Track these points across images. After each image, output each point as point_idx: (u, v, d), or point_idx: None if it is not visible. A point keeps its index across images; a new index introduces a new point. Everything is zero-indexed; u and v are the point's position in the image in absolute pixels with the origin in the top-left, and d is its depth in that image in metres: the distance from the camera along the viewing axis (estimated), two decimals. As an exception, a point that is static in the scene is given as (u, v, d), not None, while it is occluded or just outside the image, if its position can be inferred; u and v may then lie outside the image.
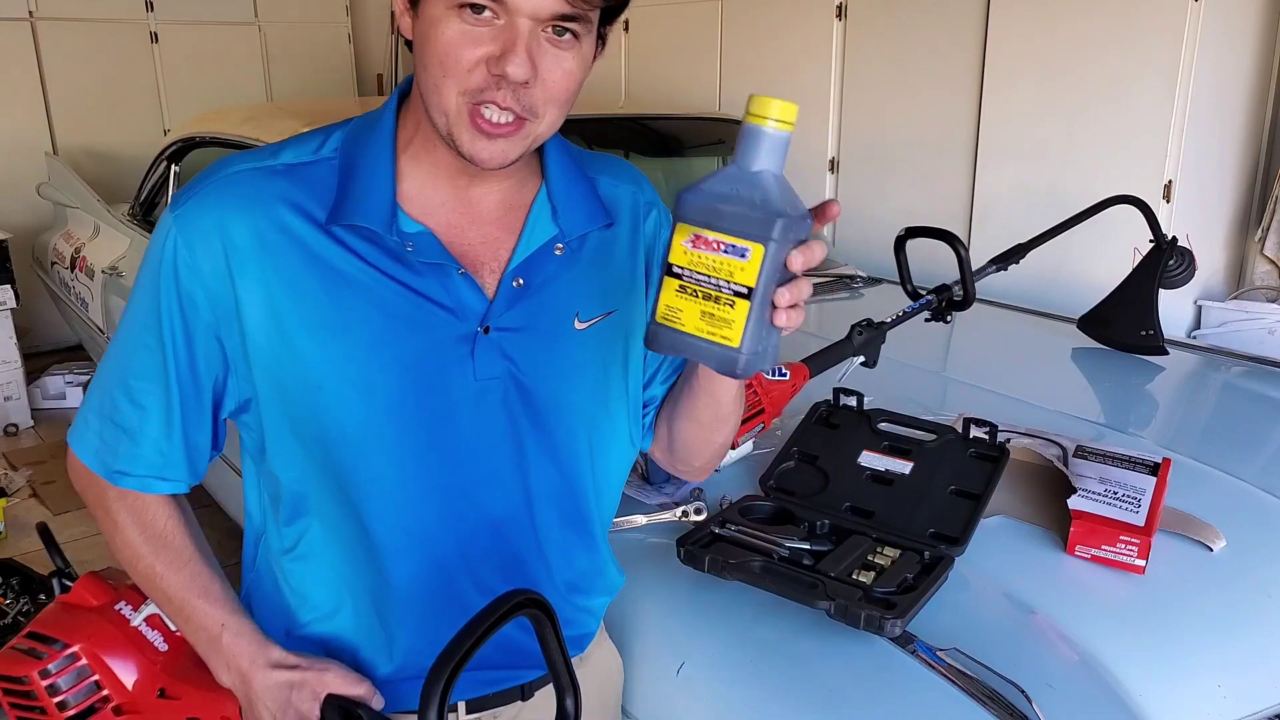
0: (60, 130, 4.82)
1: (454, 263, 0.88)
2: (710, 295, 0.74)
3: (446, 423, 0.89)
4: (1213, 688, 1.12)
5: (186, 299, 0.86)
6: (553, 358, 0.93)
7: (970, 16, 3.05)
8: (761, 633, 1.12)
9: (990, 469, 1.36)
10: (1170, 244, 2.12)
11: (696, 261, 0.73)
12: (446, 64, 0.80)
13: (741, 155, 0.73)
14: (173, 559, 0.93)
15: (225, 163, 0.89)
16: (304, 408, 0.87)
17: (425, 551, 0.92)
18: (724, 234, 0.72)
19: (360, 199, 0.86)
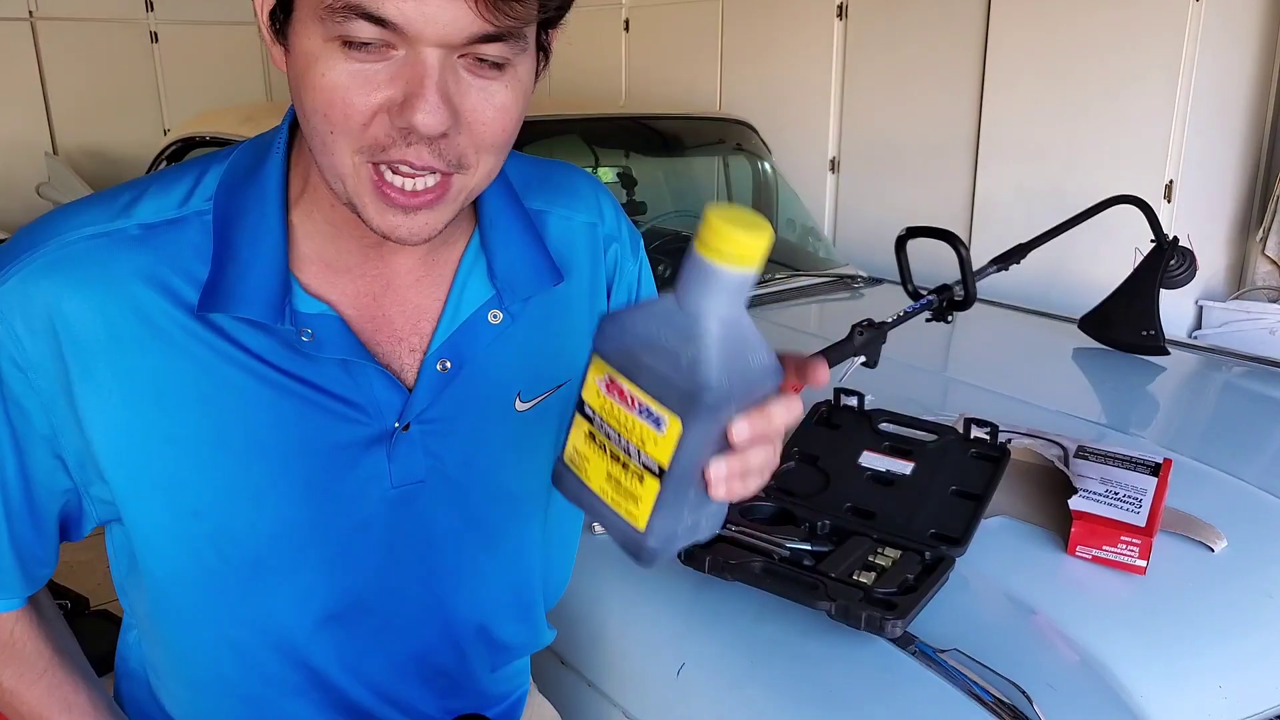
0: (60, 130, 4.82)
1: (364, 355, 0.70)
2: (618, 458, 0.56)
3: (357, 539, 0.74)
4: (1214, 688, 1.12)
5: (13, 406, 0.67)
6: (491, 449, 0.77)
7: (971, 16, 3.04)
8: (762, 633, 1.12)
9: (991, 469, 1.36)
10: (1171, 244, 2.12)
11: (609, 411, 0.56)
12: (333, 117, 0.60)
13: (682, 289, 0.54)
14: (24, 671, 0.77)
15: (59, 224, 0.67)
16: (176, 537, 0.71)
17: (325, 682, 0.79)
18: (641, 390, 0.54)
19: (242, 277, 0.66)
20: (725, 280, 0.53)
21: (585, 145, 2.69)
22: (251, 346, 0.68)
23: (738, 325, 0.55)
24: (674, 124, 2.99)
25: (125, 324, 0.66)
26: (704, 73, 4.00)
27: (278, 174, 0.69)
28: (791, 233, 3.05)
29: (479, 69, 0.61)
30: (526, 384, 0.77)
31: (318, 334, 0.69)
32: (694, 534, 0.59)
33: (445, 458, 0.75)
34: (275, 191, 0.69)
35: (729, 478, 0.55)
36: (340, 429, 0.71)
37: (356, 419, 0.71)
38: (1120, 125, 2.73)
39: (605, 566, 1.28)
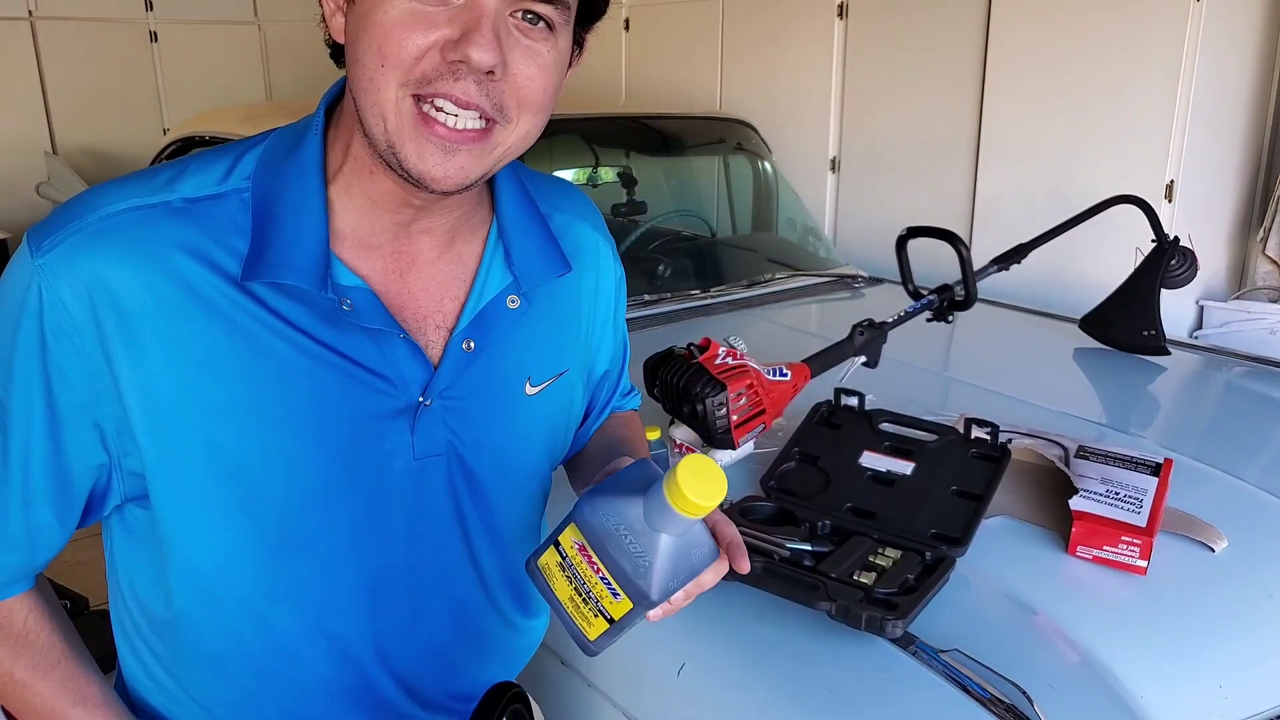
0: (59, 129, 4.82)
1: (397, 327, 0.74)
2: (580, 592, 0.69)
3: (381, 509, 0.77)
4: (1214, 689, 1.12)
5: (56, 373, 0.68)
6: (503, 428, 0.81)
7: (971, 16, 3.04)
8: (762, 634, 1.12)
9: (992, 469, 1.36)
10: (1172, 244, 2.12)
11: (579, 562, 0.68)
12: (387, 49, 0.63)
13: (649, 511, 0.66)
14: (37, 662, 0.76)
15: (105, 196, 0.69)
16: (212, 500, 0.72)
17: (345, 654, 0.80)
18: (605, 568, 0.67)
19: (285, 248, 0.69)
20: (683, 521, 0.65)
21: (585, 145, 2.69)
22: (290, 317, 0.70)
23: (687, 534, 0.68)
24: (674, 124, 2.99)
25: (169, 292, 0.68)
26: (704, 72, 4.00)
27: (317, 152, 0.73)
28: (791, 233, 3.05)
29: (527, 29, 0.66)
30: (536, 369, 0.82)
31: (356, 306, 0.72)
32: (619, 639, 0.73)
33: (461, 434, 0.78)
34: (315, 168, 0.72)
35: (662, 617, 0.69)
36: (370, 399, 0.74)
37: (385, 391, 0.74)
38: (1120, 125, 2.73)
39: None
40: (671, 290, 2.41)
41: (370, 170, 0.71)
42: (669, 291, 2.40)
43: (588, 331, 0.89)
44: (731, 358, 1.51)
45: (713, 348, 1.52)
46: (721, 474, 0.63)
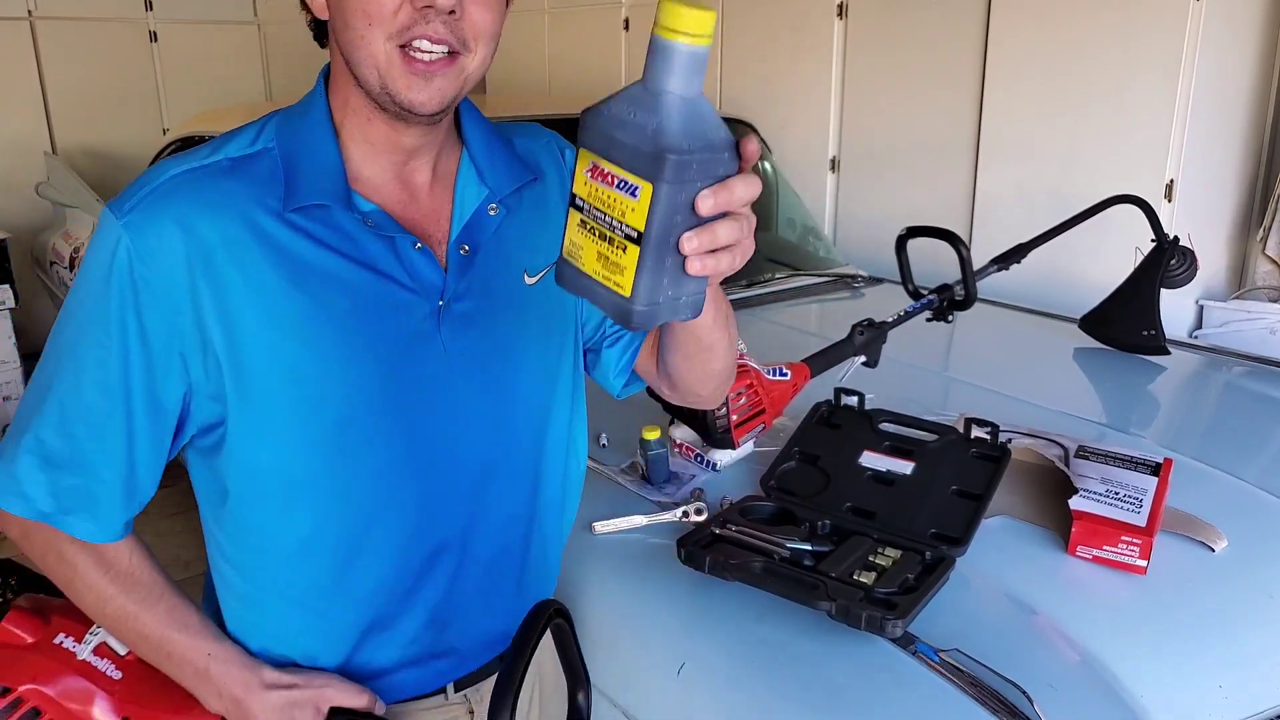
0: (59, 130, 4.82)
1: (409, 235, 0.88)
2: (605, 235, 0.64)
3: (424, 402, 0.89)
4: (1214, 688, 1.12)
5: (147, 313, 0.81)
6: (513, 317, 0.94)
7: (971, 16, 3.04)
8: (762, 633, 1.12)
9: (992, 469, 1.36)
10: (1172, 244, 2.12)
11: (594, 194, 0.64)
12: (370, 11, 0.78)
13: (646, 73, 0.62)
14: (144, 596, 0.89)
15: (166, 166, 0.85)
16: (284, 406, 0.84)
17: (413, 535, 0.92)
18: (617, 166, 0.62)
19: (314, 182, 0.84)
20: (680, 55, 0.60)
21: (585, 145, 2.68)
22: (325, 239, 0.84)
23: (696, 103, 0.62)
24: (674, 123, 2.98)
25: (231, 230, 0.82)
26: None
27: (324, 109, 0.88)
28: (791, 232, 3.05)
29: None
30: (530, 262, 0.95)
31: (376, 221, 0.86)
32: (675, 310, 0.67)
33: (480, 327, 0.91)
34: (325, 122, 0.88)
35: (700, 250, 0.64)
36: (401, 304, 0.87)
37: (411, 298, 0.88)
38: (1120, 125, 2.73)
39: (605, 567, 1.28)
40: (671, 290, 2.41)
41: (368, 118, 0.86)
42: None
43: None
44: (731, 357, 1.50)
45: (713, 347, 1.51)
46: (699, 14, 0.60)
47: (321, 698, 0.89)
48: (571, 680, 0.80)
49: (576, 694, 0.80)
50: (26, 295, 4.09)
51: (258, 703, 0.88)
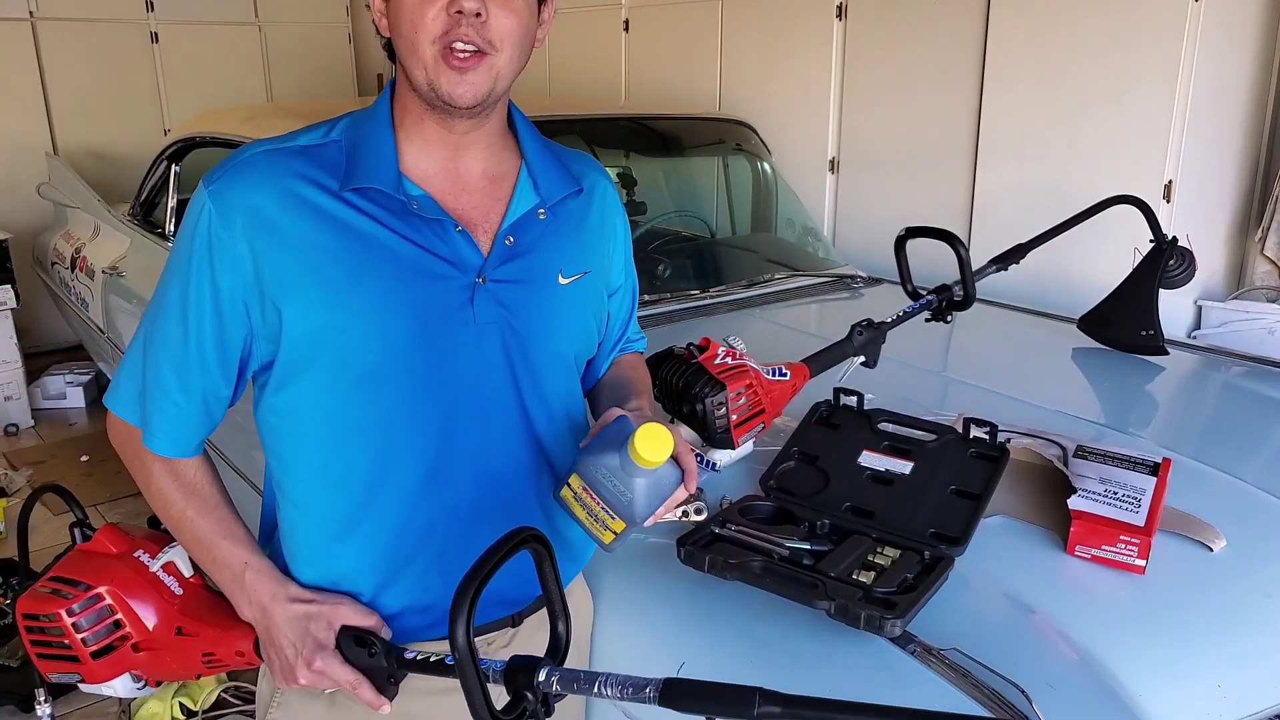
0: (60, 130, 4.82)
1: (452, 220, 1.01)
2: (591, 515, 0.97)
3: (450, 362, 1.01)
4: (1213, 688, 1.12)
5: (219, 265, 0.96)
6: (542, 308, 1.06)
7: (970, 17, 3.05)
8: (762, 633, 1.12)
9: (990, 469, 1.36)
10: (1170, 244, 2.12)
11: (585, 498, 0.97)
12: (417, 21, 0.94)
13: (623, 461, 0.94)
14: (202, 505, 1.04)
15: (249, 146, 1.02)
16: (328, 349, 0.97)
17: (429, 482, 1.02)
18: (603, 501, 0.96)
19: (370, 167, 0.99)
20: (646, 470, 0.94)
21: (585, 145, 2.69)
22: (375, 214, 0.98)
23: (655, 473, 0.95)
24: (674, 124, 2.99)
25: (292, 202, 0.97)
26: (704, 73, 4.00)
27: (387, 111, 1.04)
28: (791, 233, 3.06)
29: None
30: (565, 265, 1.08)
31: (421, 205, 1.00)
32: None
33: (511, 308, 1.03)
34: (386, 121, 1.03)
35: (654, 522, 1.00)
36: (440, 275, 1.00)
37: (449, 271, 1.00)
38: (1120, 125, 2.73)
39: (605, 567, 1.29)
40: (671, 290, 2.41)
41: (420, 117, 1.01)
42: (669, 291, 2.40)
43: (602, 244, 1.15)
44: (731, 358, 1.51)
45: (712, 348, 1.52)
46: (668, 435, 0.91)
47: (336, 615, 0.99)
48: (550, 610, 0.83)
49: (556, 624, 0.83)
50: (27, 295, 4.09)
51: (280, 612, 1.00)
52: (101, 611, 1.10)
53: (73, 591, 1.11)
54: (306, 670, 0.98)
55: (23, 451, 3.83)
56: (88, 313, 3.48)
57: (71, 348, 4.59)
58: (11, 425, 4.00)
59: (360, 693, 0.97)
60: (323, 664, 0.97)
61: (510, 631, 1.12)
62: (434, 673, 0.91)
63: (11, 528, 3.15)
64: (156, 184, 3.23)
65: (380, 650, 0.96)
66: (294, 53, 5.47)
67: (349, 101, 4.35)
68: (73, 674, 1.14)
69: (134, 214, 3.36)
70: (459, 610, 0.74)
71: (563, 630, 0.83)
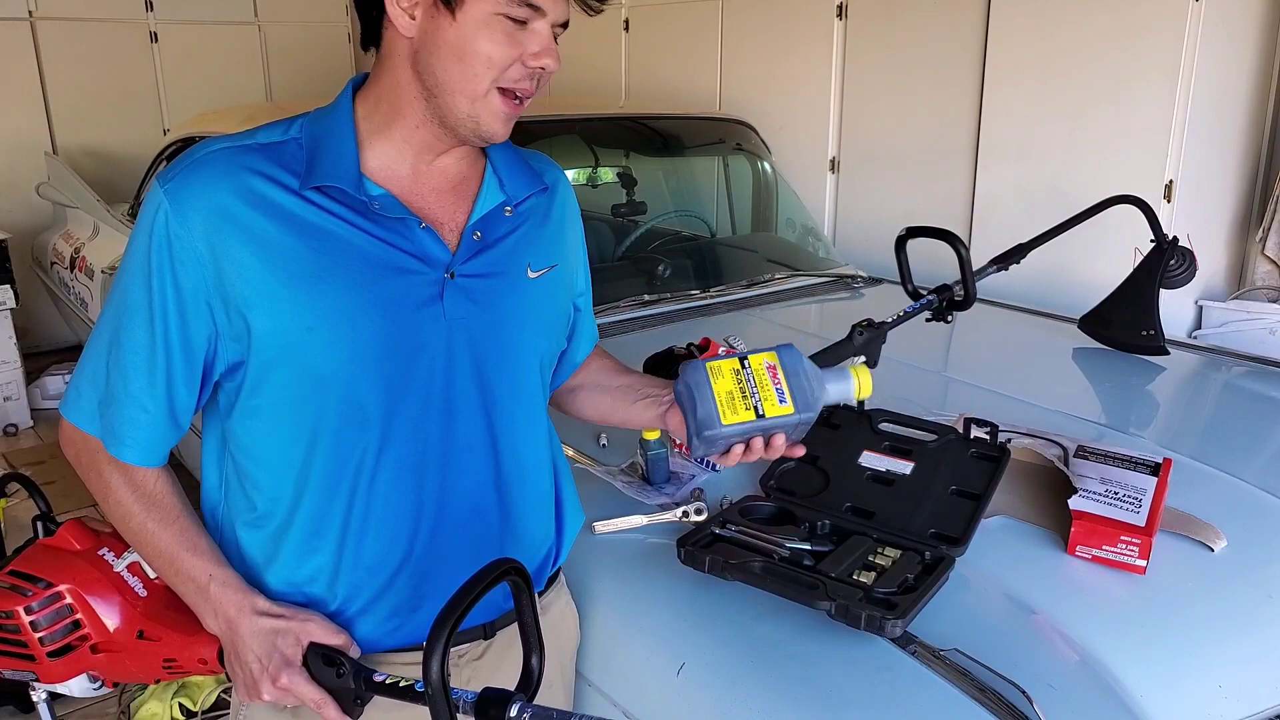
0: (60, 130, 4.82)
1: (415, 218, 0.99)
2: (744, 392, 1.01)
3: (420, 358, 0.99)
4: (1213, 688, 1.12)
5: (180, 267, 0.93)
6: (513, 302, 1.05)
7: (971, 16, 3.05)
8: (762, 633, 1.12)
9: (991, 469, 1.36)
10: (1171, 244, 2.12)
11: (760, 374, 1.02)
12: (494, 62, 0.95)
13: (832, 376, 1.05)
14: (163, 516, 1.00)
15: (206, 144, 0.99)
16: (296, 350, 0.95)
17: (389, 482, 1.00)
18: (788, 385, 1.02)
19: (330, 166, 0.97)
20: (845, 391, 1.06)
21: (585, 145, 2.69)
22: (337, 212, 0.97)
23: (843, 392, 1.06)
24: (674, 124, 2.99)
25: (252, 200, 0.94)
26: (704, 73, 4.00)
27: (348, 112, 1.02)
28: (791, 233, 3.06)
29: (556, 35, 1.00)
30: (533, 259, 1.08)
31: (383, 204, 0.98)
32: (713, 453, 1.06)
33: (481, 303, 1.02)
34: (347, 118, 1.01)
35: (740, 458, 1.06)
36: (407, 272, 0.98)
37: (417, 266, 0.99)
38: (1120, 125, 2.73)
39: (605, 567, 1.28)
40: (671, 290, 2.41)
41: (417, 124, 1.00)
42: (669, 291, 2.40)
43: (566, 240, 1.15)
44: (731, 358, 1.51)
45: (712, 348, 1.52)
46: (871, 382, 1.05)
47: (304, 631, 0.97)
48: (525, 643, 0.82)
49: (530, 657, 0.82)
50: (27, 295, 4.09)
51: (247, 625, 0.97)
52: (60, 611, 1.07)
53: (32, 589, 1.07)
54: (271, 687, 0.95)
55: (22, 451, 3.83)
56: (87, 313, 3.48)
57: (71, 348, 4.59)
58: (11, 425, 4.00)
59: (325, 712, 0.94)
60: (288, 681, 0.94)
61: (483, 644, 1.10)
62: (403, 699, 0.88)
63: (11, 527, 3.15)
64: (156, 184, 3.22)
65: (348, 670, 0.93)
66: (294, 53, 5.47)
67: (349, 101, 4.35)
68: (27, 672, 1.10)
69: (133, 214, 3.36)
70: (435, 643, 0.72)
71: (536, 664, 0.82)
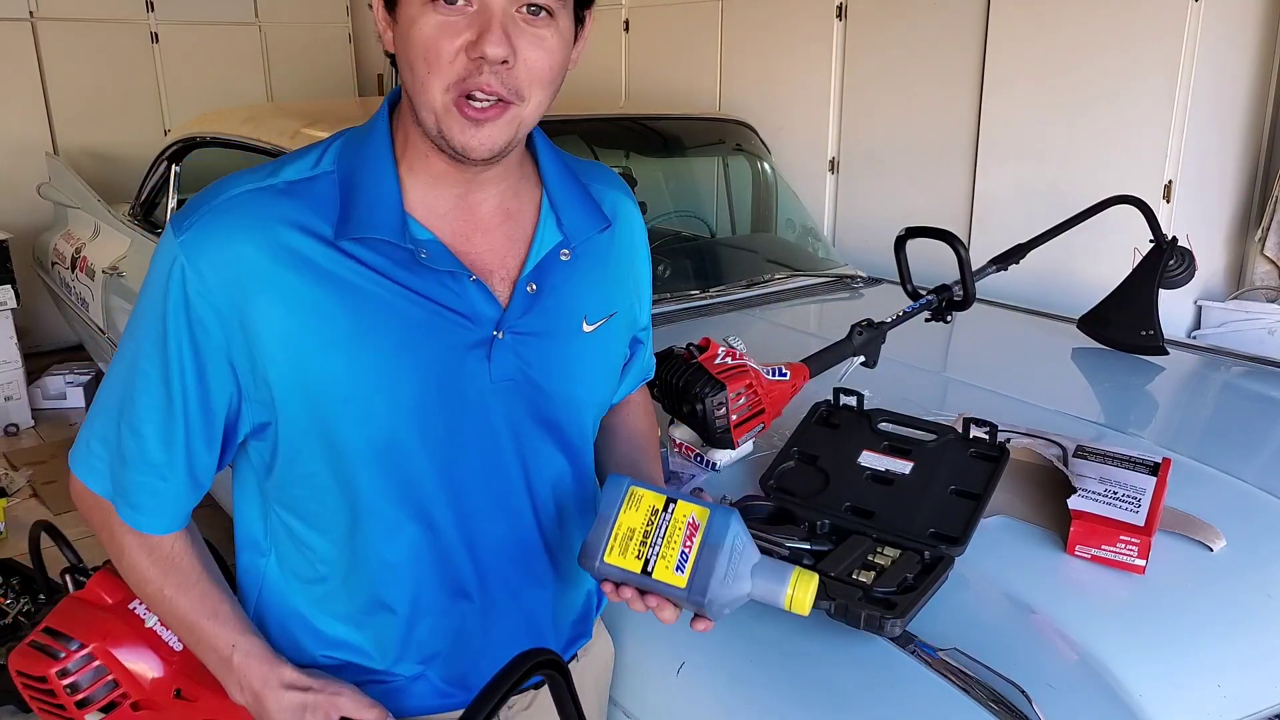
0: (60, 130, 4.82)
1: (466, 270, 0.89)
2: (646, 539, 0.85)
3: (465, 424, 0.91)
4: (1213, 688, 1.12)
5: (198, 325, 0.85)
6: (565, 359, 0.96)
7: (970, 16, 3.05)
8: (761, 632, 1.12)
9: (990, 469, 1.36)
10: (1170, 244, 2.12)
11: (676, 527, 0.85)
12: (429, 59, 0.81)
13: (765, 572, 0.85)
14: (181, 581, 0.93)
15: (226, 184, 0.88)
16: (331, 422, 0.87)
17: (435, 551, 0.94)
18: (697, 553, 0.84)
19: (368, 210, 0.86)
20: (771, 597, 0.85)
21: (585, 145, 2.69)
22: (377, 266, 0.86)
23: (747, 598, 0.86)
24: (674, 124, 2.99)
25: (280, 255, 0.84)
26: (704, 73, 4.00)
27: (385, 137, 0.90)
28: (790, 233, 3.06)
29: (531, 20, 0.82)
30: (590, 310, 0.98)
31: (431, 253, 0.88)
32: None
33: (531, 362, 0.93)
34: (386, 149, 0.90)
35: (673, 620, 0.90)
36: (452, 331, 0.89)
37: (464, 325, 0.89)
38: (1119, 125, 2.73)
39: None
40: (671, 290, 2.41)
41: (426, 154, 0.88)
42: (669, 292, 2.40)
43: (630, 279, 1.05)
44: (731, 358, 1.51)
45: (712, 348, 1.52)
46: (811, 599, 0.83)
47: (334, 705, 0.91)
48: None
49: None
50: (28, 295, 4.09)
51: (274, 700, 0.91)
52: (97, 671, 1.03)
53: (64, 649, 1.04)
54: None
55: (23, 451, 3.83)
56: (88, 313, 3.48)
57: (71, 348, 4.59)
58: (11, 425, 4.00)
59: None
60: None
61: (532, 694, 1.05)
62: None
63: (12, 527, 3.15)
64: (156, 184, 3.23)
65: None
66: (294, 53, 5.47)
67: (350, 103, 4.35)
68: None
69: (134, 214, 3.36)
70: None
71: None
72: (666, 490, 0.88)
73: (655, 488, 0.88)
